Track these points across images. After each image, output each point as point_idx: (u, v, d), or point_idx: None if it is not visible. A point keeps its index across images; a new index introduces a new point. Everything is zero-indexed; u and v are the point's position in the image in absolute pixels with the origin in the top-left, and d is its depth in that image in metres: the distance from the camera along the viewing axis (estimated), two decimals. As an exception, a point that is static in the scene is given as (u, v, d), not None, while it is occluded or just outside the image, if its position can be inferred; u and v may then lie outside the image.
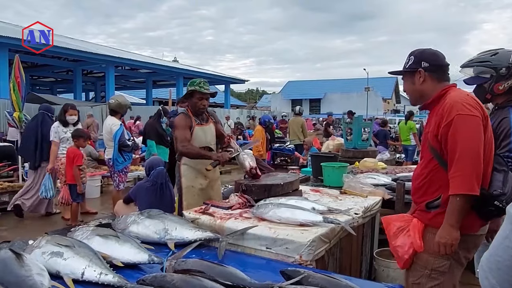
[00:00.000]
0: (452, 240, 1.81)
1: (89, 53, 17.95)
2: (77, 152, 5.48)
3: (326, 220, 2.35)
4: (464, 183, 1.74)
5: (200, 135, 3.46)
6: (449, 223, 1.80)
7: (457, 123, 1.79)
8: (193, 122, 3.44)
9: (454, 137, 1.79)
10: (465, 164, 1.74)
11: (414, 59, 2.05)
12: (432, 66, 2.00)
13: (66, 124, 5.88)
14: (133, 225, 2.37)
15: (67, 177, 5.49)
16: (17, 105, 6.96)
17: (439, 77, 2.01)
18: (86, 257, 1.83)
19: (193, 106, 3.47)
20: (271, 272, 1.91)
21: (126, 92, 30.19)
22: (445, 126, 1.83)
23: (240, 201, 2.77)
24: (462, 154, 1.76)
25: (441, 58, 2.04)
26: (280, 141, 12.97)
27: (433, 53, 2.05)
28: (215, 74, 27.41)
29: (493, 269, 0.92)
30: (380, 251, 3.30)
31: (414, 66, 2.04)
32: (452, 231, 1.80)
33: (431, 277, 1.92)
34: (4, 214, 6.13)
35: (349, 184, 3.43)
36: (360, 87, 39.30)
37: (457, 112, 1.80)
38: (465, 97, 1.87)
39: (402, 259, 1.99)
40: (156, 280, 1.68)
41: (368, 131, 7.37)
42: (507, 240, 0.89)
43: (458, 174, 1.76)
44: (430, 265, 1.92)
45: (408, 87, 2.11)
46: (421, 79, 2.02)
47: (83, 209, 6.13)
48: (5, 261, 1.69)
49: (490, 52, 2.51)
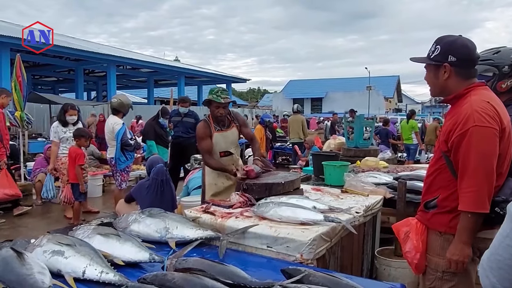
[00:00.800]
0: (463, 258, 1.76)
1: (90, 53, 17.96)
2: (79, 152, 5.49)
3: (327, 219, 2.35)
4: (478, 201, 1.68)
5: (220, 141, 3.57)
6: (461, 241, 1.75)
7: (473, 135, 1.69)
8: (213, 129, 3.55)
9: (468, 150, 1.70)
10: (480, 181, 1.68)
11: (440, 49, 1.85)
12: (460, 62, 1.81)
13: (66, 124, 5.91)
14: (134, 224, 2.37)
15: (70, 177, 5.51)
16: (19, 104, 6.99)
17: (466, 73, 1.84)
18: (87, 256, 1.83)
19: (211, 113, 3.57)
20: (272, 271, 1.90)
21: (127, 91, 30.20)
22: (459, 135, 1.73)
23: (241, 200, 2.77)
24: (477, 170, 1.68)
25: (472, 51, 1.83)
26: (282, 140, 12.97)
27: (463, 45, 1.83)
28: (217, 73, 27.39)
29: (493, 268, 0.91)
30: (382, 250, 3.30)
31: (439, 58, 1.85)
32: (464, 248, 1.75)
33: (444, 279, 1.87)
34: (6, 213, 6.16)
35: (350, 183, 3.43)
36: (361, 86, 39.22)
37: (474, 123, 1.69)
38: (485, 106, 1.73)
39: (413, 265, 1.96)
40: (157, 278, 1.68)
41: (370, 130, 7.36)
42: (508, 238, 0.89)
43: (472, 190, 1.69)
44: (440, 268, 1.87)
45: (430, 79, 1.94)
46: (446, 74, 1.84)
47: (85, 208, 6.14)
48: (6, 259, 1.69)
49: (492, 50, 2.49)
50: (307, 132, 10.67)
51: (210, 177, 3.60)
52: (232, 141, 3.67)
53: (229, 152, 3.62)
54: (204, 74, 26.35)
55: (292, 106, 11.80)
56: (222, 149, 3.59)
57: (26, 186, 6.78)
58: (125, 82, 27.45)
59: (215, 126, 3.57)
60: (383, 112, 34.42)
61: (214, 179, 3.59)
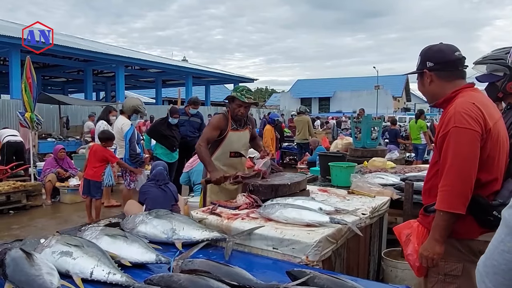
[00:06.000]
0: (433, 254, 1.78)
1: (99, 53, 18.14)
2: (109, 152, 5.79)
3: (333, 221, 2.35)
4: (449, 200, 1.71)
5: (233, 141, 3.46)
6: (434, 237, 1.78)
7: (452, 136, 1.73)
8: (229, 126, 3.44)
9: (446, 151, 1.75)
10: (453, 181, 1.70)
11: (420, 59, 1.97)
12: (438, 65, 1.90)
13: (110, 123, 6.87)
14: (141, 225, 2.39)
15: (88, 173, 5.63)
16: (29, 105, 7.08)
17: (447, 75, 1.90)
18: (95, 257, 1.85)
19: (232, 111, 3.46)
20: (277, 273, 1.91)
21: (136, 91, 30.46)
22: (442, 136, 1.79)
23: (247, 201, 2.78)
24: (450, 169, 1.72)
25: (447, 54, 1.90)
26: (289, 140, 12.97)
27: (438, 49, 1.92)
28: (224, 73, 27.46)
29: (489, 273, 0.91)
30: (389, 251, 3.28)
31: (420, 67, 1.97)
32: (436, 245, 1.78)
33: (446, 282, 1.87)
34: (17, 212, 6.25)
35: (356, 184, 3.42)
36: (370, 85, 39.03)
37: (454, 124, 1.73)
38: (468, 107, 1.75)
39: (415, 267, 1.96)
40: (163, 280, 1.70)
41: (378, 129, 7.31)
42: (502, 244, 0.88)
43: (445, 189, 1.73)
44: (442, 270, 1.86)
45: (420, 88, 2.05)
46: (428, 79, 1.94)
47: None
48: (16, 260, 1.72)
49: (504, 49, 2.45)
50: (312, 132, 10.64)
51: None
52: (244, 143, 3.58)
53: (239, 153, 3.52)
54: (211, 74, 26.42)
55: (298, 107, 11.79)
56: (234, 149, 3.48)
57: (36, 186, 6.87)
58: (133, 82, 27.65)
59: (232, 123, 3.47)
60: (391, 112, 34.19)
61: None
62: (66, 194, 7.07)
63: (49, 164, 7.48)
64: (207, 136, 3.39)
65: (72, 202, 6.90)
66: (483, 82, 2.54)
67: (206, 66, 30.37)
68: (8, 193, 6.44)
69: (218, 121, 3.44)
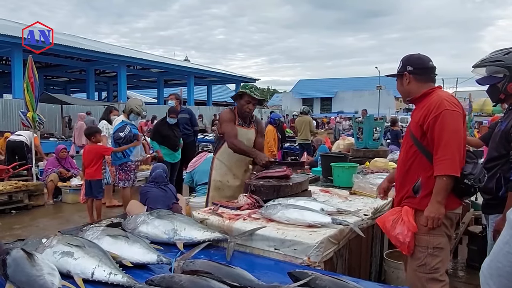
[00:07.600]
0: (439, 215, 2.09)
1: (101, 53, 18.17)
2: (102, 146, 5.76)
3: (334, 221, 2.34)
4: (451, 165, 2.04)
5: (240, 137, 3.48)
6: (437, 200, 2.08)
7: (445, 116, 2.08)
8: (236, 121, 3.51)
9: (442, 129, 2.08)
10: (452, 150, 2.05)
11: (402, 63, 2.35)
12: (416, 69, 2.28)
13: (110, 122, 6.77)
14: (143, 225, 2.39)
15: (88, 174, 5.54)
16: (31, 105, 7.09)
17: (423, 78, 2.28)
18: (96, 257, 1.85)
19: (239, 107, 3.52)
20: (279, 274, 1.91)
21: (138, 91, 30.49)
22: (434, 117, 2.10)
23: (249, 201, 2.77)
24: (449, 141, 2.05)
25: (425, 61, 2.30)
26: (291, 140, 12.95)
27: (418, 57, 2.33)
28: (226, 73, 27.46)
29: (493, 275, 0.91)
30: (391, 252, 3.27)
31: (401, 70, 2.34)
32: (440, 207, 2.09)
33: (433, 255, 2.15)
34: (19, 212, 6.25)
35: (358, 184, 3.41)
36: (372, 85, 38.97)
37: (445, 108, 2.10)
38: (450, 97, 2.21)
39: (405, 244, 2.15)
40: (164, 280, 1.70)
41: (379, 130, 7.29)
42: (507, 245, 0.88)
43: (446, 158, 2.05)
44: (431, 244, 2.15)
45: (398, 87, 2.43)
46: (407, 80, 2.31)
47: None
48: (17, 260, 1.72)
49: (502, 51, 2.46)
50: (314, 132, 10.62)
51: (217, 173, 3.55)
52: (249, 141, 3.60)
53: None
54: (213, 74, 26.42)
55: (300, 107, 11.78)
56: None
57: (38, 185, 6.87)
58: (135, 82, 27.69)
59: (238, 119, 3.53)
60: (393, 112, 34.14)
61: (220, 176, 3.54)
62: (68, 194, 7.07)
63: (51, 163, 7.50)
64: (228, 131, 3.43)
65: (74, 202, 6.90)
66: (484, 84, 2.54)
67: (208, 66, 30.39)
68: (10, 192, 6.44)
69: (227, 114, 3.52)
